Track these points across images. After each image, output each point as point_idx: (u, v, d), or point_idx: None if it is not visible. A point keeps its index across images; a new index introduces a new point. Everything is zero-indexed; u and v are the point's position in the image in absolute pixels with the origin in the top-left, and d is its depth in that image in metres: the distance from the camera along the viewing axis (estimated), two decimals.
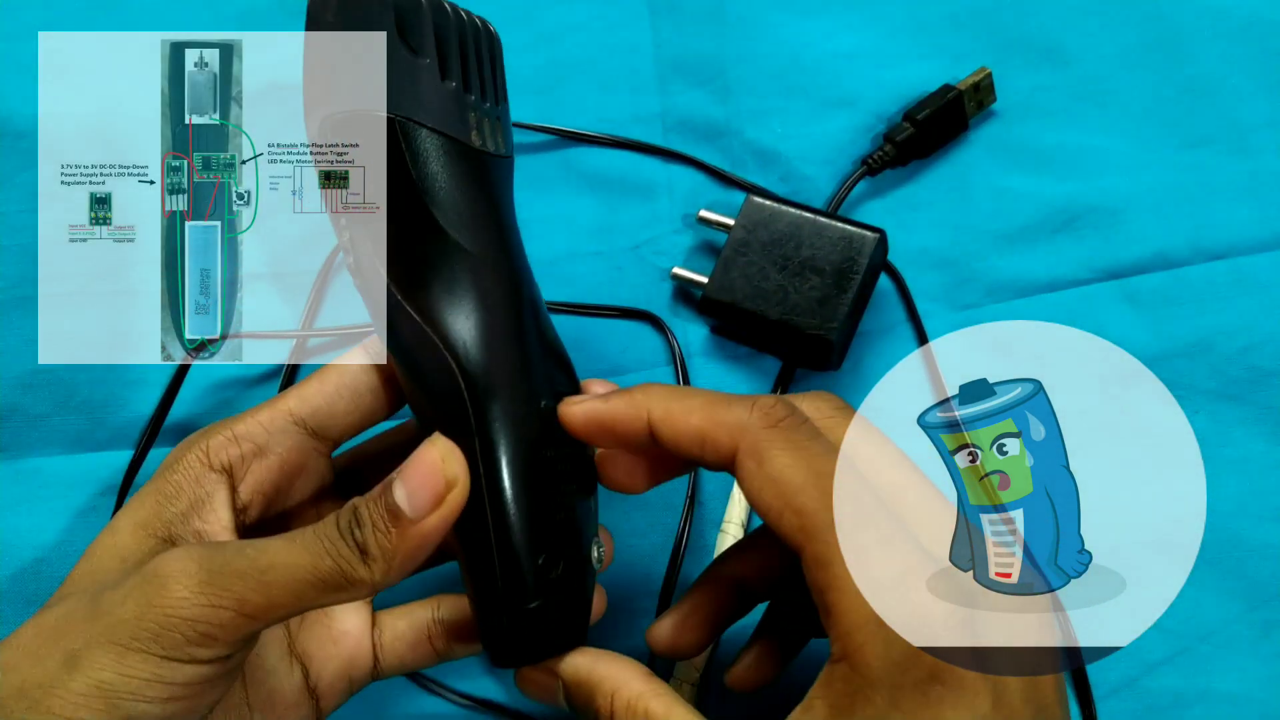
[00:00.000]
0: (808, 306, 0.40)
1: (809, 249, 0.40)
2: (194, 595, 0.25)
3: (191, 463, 0.30)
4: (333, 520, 0.27)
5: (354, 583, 0.26)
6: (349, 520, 0.27)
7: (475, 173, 0.31)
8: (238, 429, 0.31)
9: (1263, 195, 0.44)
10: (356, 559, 0.26)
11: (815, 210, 0.41)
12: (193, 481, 0.30)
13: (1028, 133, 0.45)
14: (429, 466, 0.27)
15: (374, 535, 0.26)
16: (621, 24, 0.47)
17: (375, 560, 0.26)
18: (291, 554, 0.26)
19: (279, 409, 0.32)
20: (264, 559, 0.26)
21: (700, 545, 0.41)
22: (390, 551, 0.26)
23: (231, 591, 0.26)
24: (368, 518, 0.27)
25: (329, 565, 0.26)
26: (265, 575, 0.26)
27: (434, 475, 0.27)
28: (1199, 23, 0.46)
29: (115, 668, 0.25)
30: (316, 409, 0.32)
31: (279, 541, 0.27)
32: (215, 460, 0.31)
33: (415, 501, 0.27)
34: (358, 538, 0.26)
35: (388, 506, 0.27)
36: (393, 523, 0.26)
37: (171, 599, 0.25)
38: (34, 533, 0.40)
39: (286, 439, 0.32)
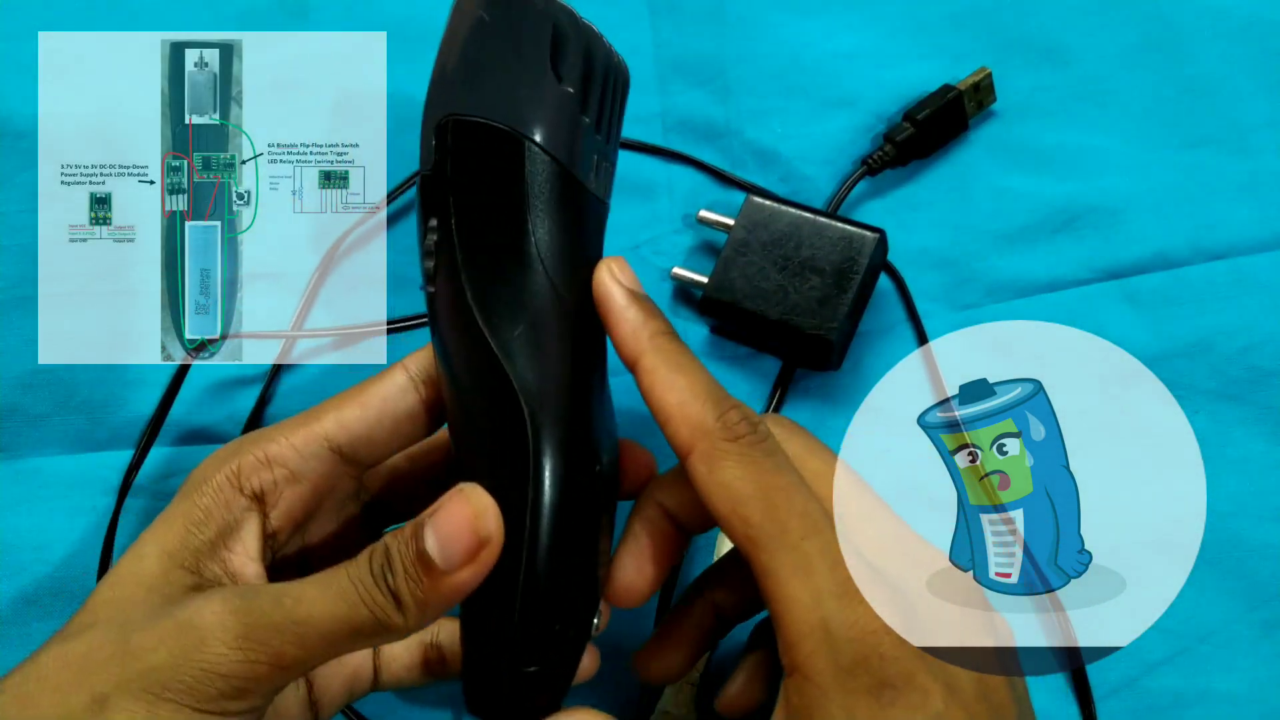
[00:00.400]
0: (808, 306, 0.40)
1: (809, 249, 0.40)
2: (231, 651, 0.25)
3: (221, 485, 0.29)
4: (365, 563, 0.26)
5: (389, 630, 0.26)
6: (382, 565, 0.26)
7: (583, 215, 0.29)
8: (271, 452, 0.30)
9: (1263, 195, 0.44)
10: (392, 606, 0.26)
11: (815, 210, 0.41)
12: (223, 507, 0.29)
13: (1028, 133, 0.45)
14: (461, 520, 0.26)
15: (406, 583, 0.26)
16: (621, 24, 0.47)
17: (409, 609, 0.26)
18: (327, 604, 0.26)
19: (315, 433, 0.30)
20: (300, 610, 0.25)
21: (700, 544, 0.41)
22: (422, 601, 0.26)
23: (269, 646, 0.25)
24: (400, 565, 0.26)
25: (364, 615, 0.25)
26: (301, 628, 0.25)
27: (467, 530, 0.26)
28: (1199, 23, 0.46)
29: (145, 716, 0.25)
30: (355, 436, 0.31)
31: (313, 589, 0.26)
32: (247, 486, 0.29)
33: (447, 553, 0.26)
34: (390, 584, 0.26)
35: (418, 554, 0.26)
36: (424, 572, 0.26)
37: (209, 655, 0.25)
38: (34, 533, 0.40)
39: (320, 465, 0.30)
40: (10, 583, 0.40)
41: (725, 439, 0.27)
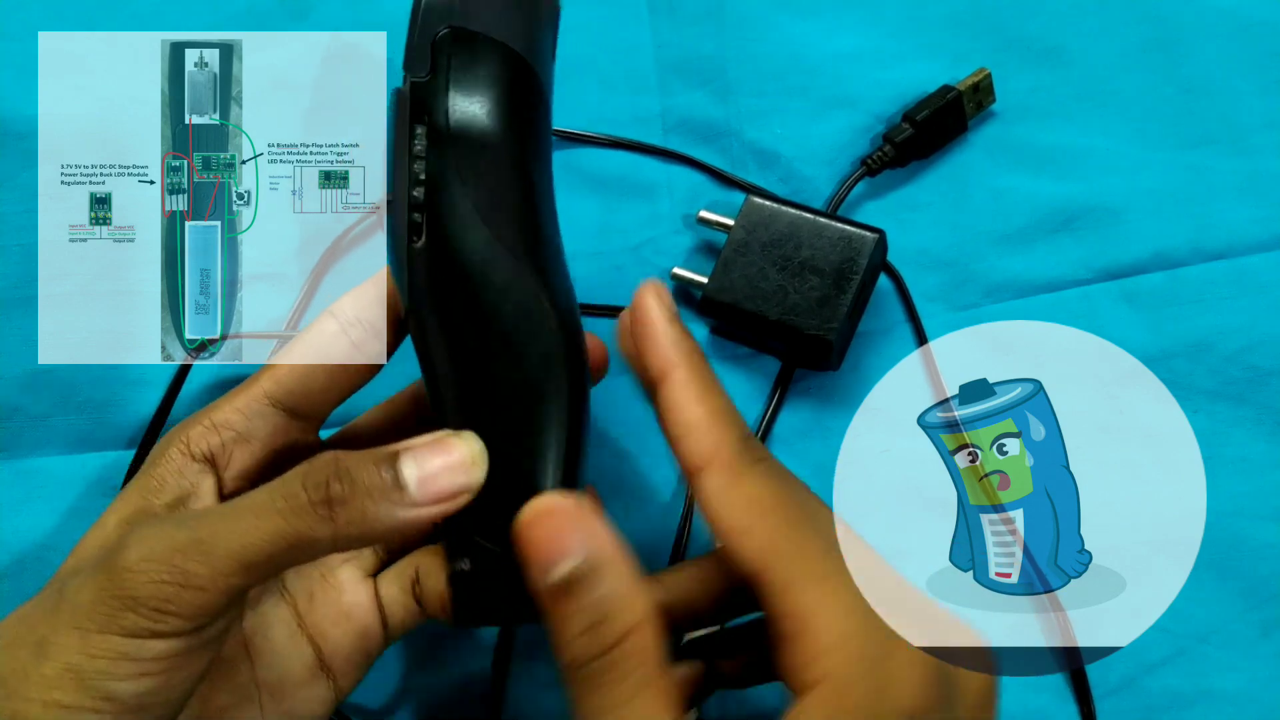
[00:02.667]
0: (807, 307, 0.40)
1: (809, 249, 0.40)
2: (139, 574, 0.25)
3: (173, 456, 0.30)
4: (293, 475, 0.26)
5: (310, 541, 0.26)
6: (326, 475, 0.26)
7: (549, 128, 0.32)
8: (215, 417, 0.31)
9: (1263, 195, 0.44)
10: (318, 515, 0.26)
11: (815, 211, 0.41)
12: (175, 474, 0.30)
13: (1027, 133, 0.45)
14: (457, 459, 0.26)
15: (357, 495, 0.26)
16: (621, 24, 0.47)
17: (348, 519, 0.26)
18: (236, 518, 0.26)
19: (253, 393, 0.31)
20: (204, 528, 0.26)
21: (700, 545, 0.41)
22: (371, 517, 0.26)
23: (173, 565, 0.25)
24: (360, 478, 0.26)
25: (278, 525, 0.26)
26: (205, 545, 0.26)
27: (460, 473, 0.26)
28: (1199, 23, 0.46)
29: (81, 649, 0.25)
30: (291, 390, 0.31)
31: (223, 507, 0.26)
32: (196, 450, 0.30)
33: (425, 488, 0.26)
34: (334, 491, 0.26)
35: (389, 475, 0.26)
36: (388, 494, 0.26)
37: (121, 581, 0.26)
38: (34, 533, 0.40)
39: (266, 423, 0.31)
40: (10, 583, 0.40)
41: (750, 457, 0.27)
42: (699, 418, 0.27)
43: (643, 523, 0.41)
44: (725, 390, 0.28)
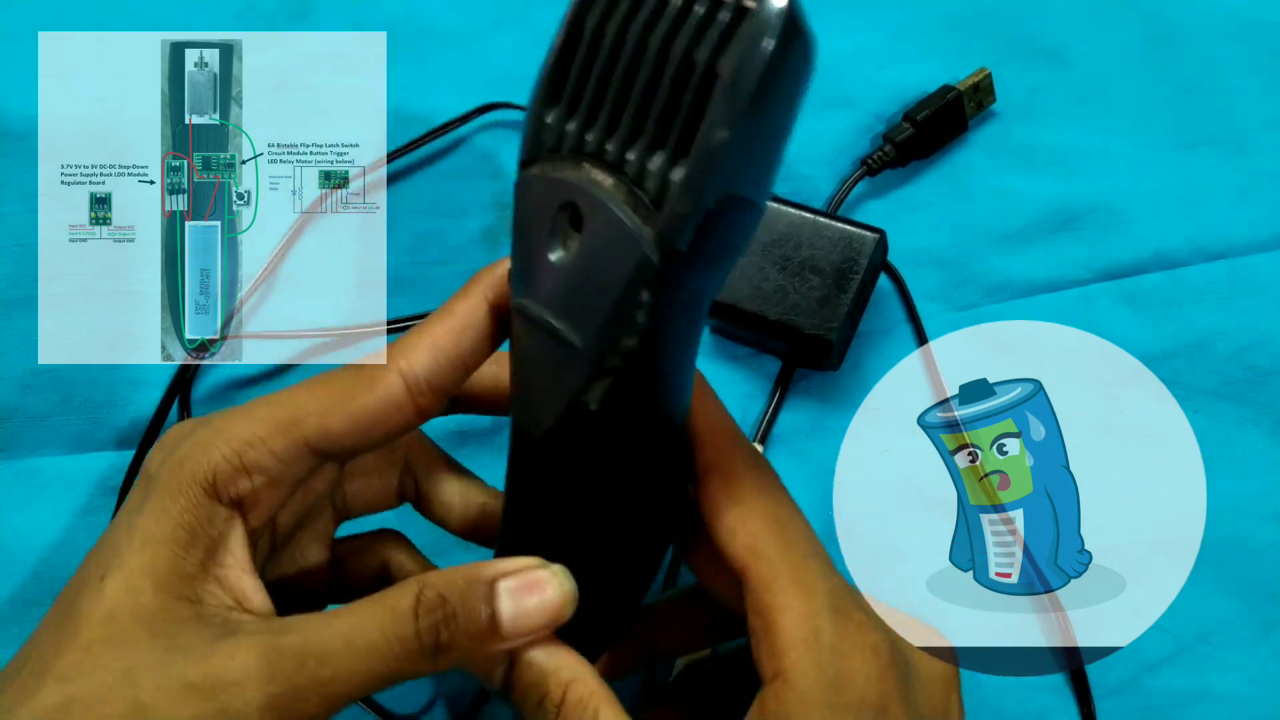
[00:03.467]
0: (808, 307, 0.40)
1: (809, 249, 0.40)
2: (299, 680, 0.24)
3: (199, 499, 0.27)
4: (405, 617, 0.25)
5: (412, 677, 0.26)
6: (435, 620, 0.25)
7: None
8: (249, 459, 0.27)
9: (1262, 195, 0.44)
10: (426, 657, 0.25)
11: (815, 210, 0.41)
12: (205, 523, 0.27)
13: (1027, 133, 0.45)
14: (550, 601, 0.26)
15: (462, 638, 0.25)
16: None
17: (448, 659, 0.26)
18: (356, 660, 0.25)
19: (294, 438, 0.27)
20: (326, 671, 0.25)
21: None
22: (470, 657, 0.26)
23: (294, 711, 0.24)
24: (463, 621, 0.25)
25: (394, 670, 0.25)
26: (327, 687, 0.25)
27: (550, 611, 0.26)
28: (1199, 23, 0.46)
29: None
30: (341, 446, 0.28)
31: (338, 643, 0.25)
32: (225, 495, 0.27)
33: (518, 624, 0.26)
34: (442, 638, 0.25)
35: (488, 614, 0.25)
36: (485, 636, 0.26)
37: (292, 676, 0.24)
38: (34, 533, 0.40)
39: (300, 468, 0.28)
40: (10, 583, 0.40)
41: (748, 464, 0.28)
42: (705, 426, 0.28)
43: None
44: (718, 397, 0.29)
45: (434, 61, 0.45)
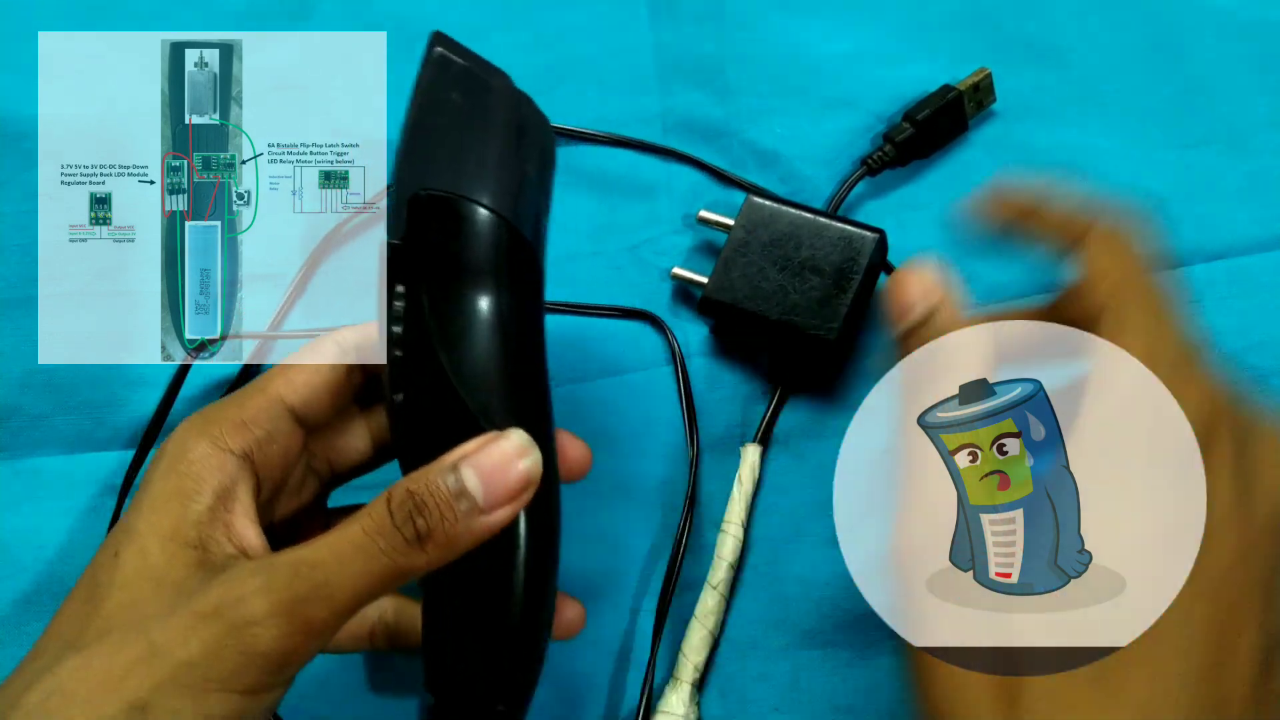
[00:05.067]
0: (808, 307, 0.40)
1: (809, 249, 0.40)
2: (265, 630, 0.25)
3: (208, 452, 0.29)
4: (380, 513, 0.26)
5: (412, 571, 0.26)
6: (408, 509, 0.26)
7: (539, 285, 0.32)
8: (246, 415, 0.30)
9: (1263, 195, 0.44)
10: (413, 549, 0.26)
11: (815, 210, 0.41)
12: (215, 471, 0.29)
13: (1027, 133, 0.45)
14: (506, 458, 0.27)
15: (441, 523, 0.26)
16: (621, 24, 0.47)
17: (436, 546, 0.26)
18: (345, 563, 0.26)
19: (271, 396, 0.31)
20: (319, 575, 0.26)
21: (700, 545, 0.41)
22: (455, 538, 0.27)
23: (299, 616, 0.25)
24: (432, 503, 0.26)
25: (385, 564, 0.26)
26: (325, 590, 0.26)
27: (514, 468, 0.27)
28: (1199, 23, 0.46)
29: (194, 712, 0.24)
30: (305, 398, 0.32)
31: (326, 552, 0.26)
32: (234, 446, 0.30)
33: (489, 490, 0.27)
34: (419, 526, 0.26)
35: (458, 491, 0.26)
36: (461, 510, 0.26)
37: (245, 637, 0.25)
38: (34, 533, 0.40)
39: (285, 425, 0.31)
40: (10, 583, 0.40)
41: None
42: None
43: (643, 521, 0.41)
44: None
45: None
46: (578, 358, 0.43)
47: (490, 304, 0.29)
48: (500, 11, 0.47)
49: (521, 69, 0.45)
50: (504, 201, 0.30)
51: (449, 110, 0.30)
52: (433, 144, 0.30)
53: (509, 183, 0.30)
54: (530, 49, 0.47)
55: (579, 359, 0.43)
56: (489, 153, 0.30)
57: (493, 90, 0.31)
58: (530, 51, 0.47)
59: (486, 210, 0.29)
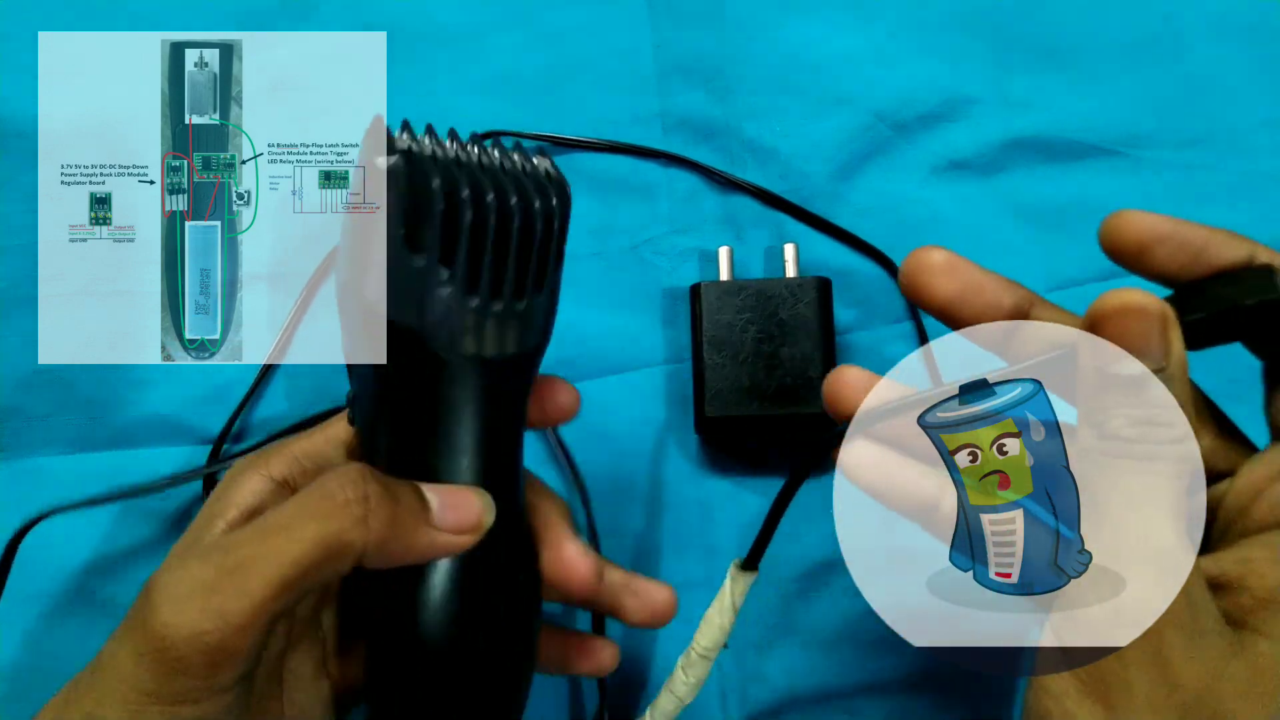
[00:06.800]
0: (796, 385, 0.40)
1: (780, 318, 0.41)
2: (175, 628, 0.23)
3: (250, 478, 0.30)
4: (326, 480, 0.26)
5: (344, 550, 0.25)
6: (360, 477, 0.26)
7: (463, 385, 0.28)
8: (299, 449, 0.31)
9: (1261, 196, 0.44)
10: (353, 519, 0.25)
11: None
12: (248, 494, 0.29)
13: (1027, 132, 0.45)
14: (468, 499, 0.28)
15: (393, 508, 0.26)
16: (621, 24, 0.47)
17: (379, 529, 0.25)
18: (265, 537, 0.25)
19: (330, 435, 0.32)
20: (231, 556, 0.24)
21: (702, 545, 0.41)
22: (399, 532, 0.26)
23: (208, 608, 0.23)
24: (390, 487, 0.26)
25: (314, 532, 0.25)
26: (238, 576, 0.24)
27: (472, 509, 0.28)
28: (1199, 22, 0.46)
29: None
30: None
31: (247, 529, 0.25)
32: (276, 473, 0.30)
33: (441, 513, 0.27)
34: (371, 491, 0.26)
35: (416, 495, 0.27)
36: (415, 510, 0.26)
37: (157, 640, 0.23)
38: (34, 533, 0.40)
39: (338, 461, 0.31)
40: (10, 583, 0.40)
41: None
42: None
43: (643, 521, 0.41)
44: None
45: (434, 61, 0.45)
46: (578, 355, 0.43)
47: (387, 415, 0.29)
48: (500, 11, 0.47)
49: (521, 69, 0.46)
50: (397, 302, 0.27)
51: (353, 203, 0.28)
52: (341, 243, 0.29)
53: (396, 280, 0.27)
54: (530, 49, 0.47)
55: (579, 357, 0.43)
56: (374, 249, 0.27)
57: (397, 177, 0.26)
58: (530, 52, 0.47)
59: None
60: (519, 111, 0.45)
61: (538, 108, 0.46)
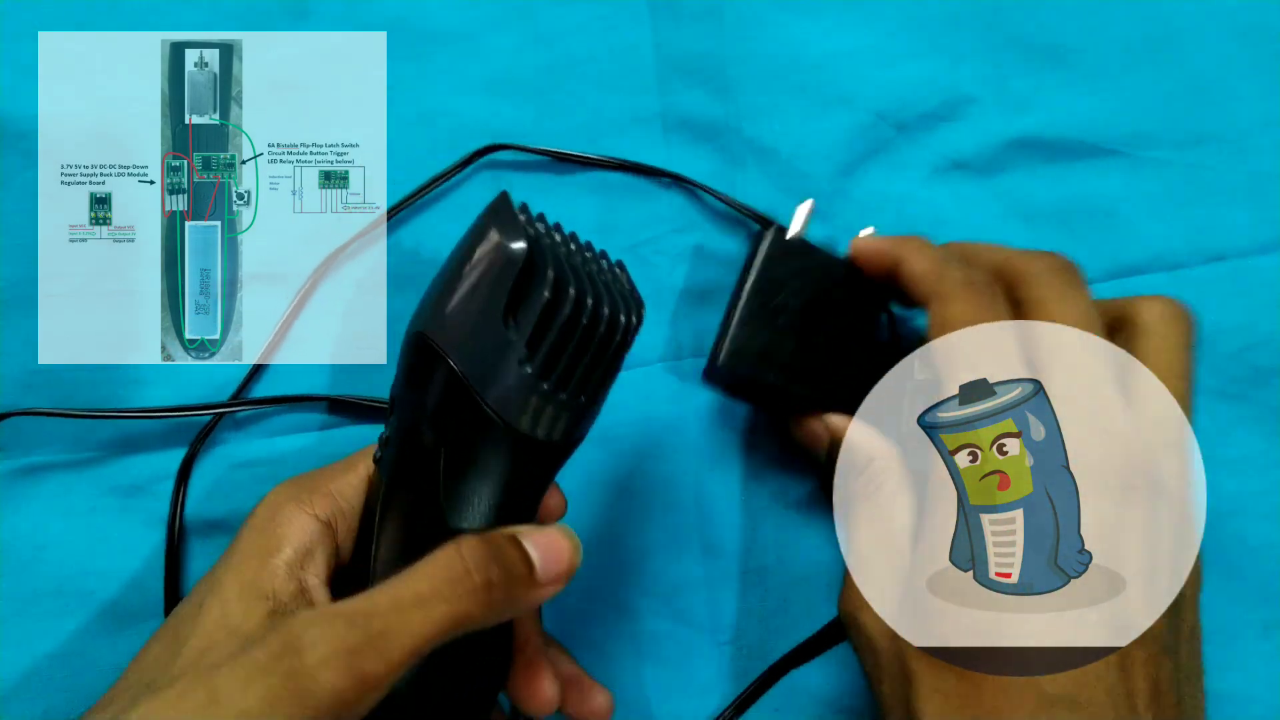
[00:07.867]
0: None
1: None
2: (321, 679, 0.25)
3: (294, 514, 0.32)
4: (451, 559, 0.27)
5: (465, 622, 0.27)
6: (481, 557, 0.27)
7: (503, 453, 0.30)
8: (335, 488, 0.33)
9: (1262, 196, 0.44)
10: (477, 596, 0.27)
11: None
12: (298, 532, 0.31)
13: (1027, 132, 0.46)
14: (561, 544, 0.29)
15: (509, 574, 0.28)
16: (621, 24, 0.47)
17: (499, 599, 0.27)
18: (405, 610, 0.27)
19: (361, 474, 0.34)
20: (377, 624, 0.26)
21: (705, 546, 0.41)
22: (515, 595, 0.28)
23: (353, 667, 0.25)
24: (506, 559, 0.28)
25: (443, 612, 0.27)
26: (381, 641, 0.26)
27: (565, 554, 0.29)
28: (1199, 22, 0.46)
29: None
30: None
31: (385, 600, 0.27)
32: (320, 513, 0.32)
33: (545, 565, 0.28)
34: (492, 574, 0.27)
35: (523, 557, 0.28)
36: (525, 577, 0.28)
37: (303, 685, 0.25)
38: (34, 533, 0.40)
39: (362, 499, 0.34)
40: (10, 583, 0.40)
41: None
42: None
43: (643, 520, 0.41)
44: None
45: (434, 61, 0.45)
46: None
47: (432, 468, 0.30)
48: (500, 11, 0.47)
49: (521, 69, 0.46)
50: (468, 361, 0.29)
51: (459, 255, 0.30)
52: (438, 284, 0.30)
53: (477, 342, 0.29)
54: (529, 49, 0.47)
55: None
56: (471, 307, 0.29)
57: (499, 244, 0.29)
58: (529, 51, 0.46)
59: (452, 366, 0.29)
60: (518, 111, 0.45)
61: (537, 107, 0.45)
